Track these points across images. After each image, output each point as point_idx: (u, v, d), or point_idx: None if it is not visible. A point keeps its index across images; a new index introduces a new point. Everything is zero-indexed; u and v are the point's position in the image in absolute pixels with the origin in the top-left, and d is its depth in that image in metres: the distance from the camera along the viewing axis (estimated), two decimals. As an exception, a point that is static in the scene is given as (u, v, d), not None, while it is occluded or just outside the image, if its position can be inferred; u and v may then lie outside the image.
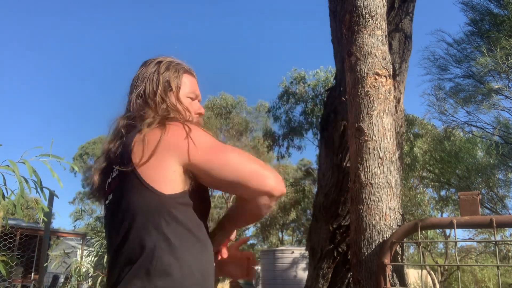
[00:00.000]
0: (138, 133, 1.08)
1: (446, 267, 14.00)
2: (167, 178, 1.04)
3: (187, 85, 1.26)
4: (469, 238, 16.32)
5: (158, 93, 1.18)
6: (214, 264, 1.14)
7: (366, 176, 1.43)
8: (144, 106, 1.18)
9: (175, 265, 1.00)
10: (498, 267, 1.13)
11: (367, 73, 1.54)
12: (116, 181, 1.11)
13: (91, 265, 5.39)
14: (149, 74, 1.22)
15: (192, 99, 1.27)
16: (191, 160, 1.04)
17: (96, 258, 5.34)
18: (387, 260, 1.24)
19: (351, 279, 2.49)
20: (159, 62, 1.24)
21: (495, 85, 6.11)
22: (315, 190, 3.10)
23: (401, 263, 1.40)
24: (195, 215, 1.08)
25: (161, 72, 1.22)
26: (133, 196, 1.06)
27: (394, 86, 2.50)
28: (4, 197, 2.22)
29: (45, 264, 4.84)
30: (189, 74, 1.28)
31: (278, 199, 1.06)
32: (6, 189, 2.26)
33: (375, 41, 1.58)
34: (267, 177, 1.02)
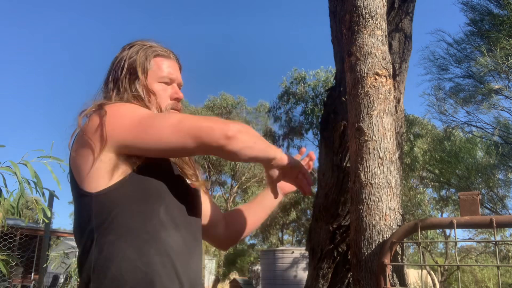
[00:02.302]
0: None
1: (446, 267, 13.99)
2: (95, 173, 0.97)
3: (160, 69, 1.15)
4: (469, 238, 16.32)
5: (121, 79, 1.10)
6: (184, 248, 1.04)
7: (366, 176, 1.43)
8: (104, 97, 1.11)
9: (110, 265, 0.92)
10: (498, 267, 1.13)
11: (367, 73, 1.55)
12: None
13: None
14: (118, 59, 1.13)
15: (167, 83, 1.16)
16: (117, 142, 0.96)
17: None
18: (387, 260, 1.24)
19: (351, 279, 2.49)
20: (131, 47, 1.15)
21: (495, 85, 6.11)
22: (315, 190, 3.08)
23: (401, 263, 1.40)
24: (143, 201, 0.99)
25: (130, 56, 1.12)
26: (74, 202, 1.03)
27: (394, 86, 2.51)
28: (4, 198, 2.22)
29: (45, 265, 4.84)
30: (163, 57, 1.17)
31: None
32: (6, 190, 2.26)
33: (375, 41, 1.59)
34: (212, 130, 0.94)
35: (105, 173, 0.97)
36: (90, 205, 0.97)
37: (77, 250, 1.04)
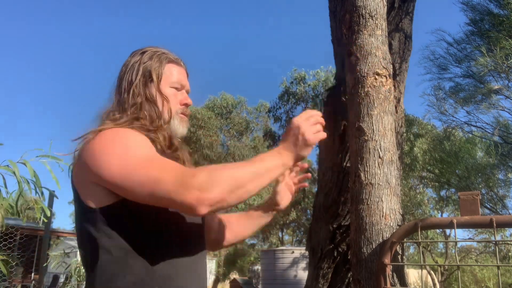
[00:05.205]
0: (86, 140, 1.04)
1: (446, 267, 14.00)
2: (93, 192, 0.99)
3: (172, 75, 1.19)
4: (469, 238, 16.33)
5: (135, 83, 1.13)
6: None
7: (366, 176, 1.43)
8: (118, 100, 1.14)
9: (117, 276, 0.95)
10: (498, 267, 1.13)
11: (367, 73, 1.54)
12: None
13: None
14: (131, 64, 1.17)
15: (178, 89, 1.20)
16: (103, 182, 0.97)
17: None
18: (387, 260, 1.24)
19: (351, 279, 2.48)
20: (143, 52, 1.19)
21: (495, 85, 6.11)
22: (315, 190, 3.09)
23: (401, 263, 1.40)
24: (145, 214, 0.99)
25: (144, 61, 1.16)
26: (77, 216, 1.04)
27: (394, 86, 2.50)
28: (3, 198, 2.22)
29: (45, 264, 4.84)
30: (175, 64, 1.21)
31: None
32: (6, 191, 2.26)
33: (375, 41, 1.58)
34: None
35: (104, 191, 0.99)
36: (93, 219, 0.99)
37: (78, 250, 1.05)
